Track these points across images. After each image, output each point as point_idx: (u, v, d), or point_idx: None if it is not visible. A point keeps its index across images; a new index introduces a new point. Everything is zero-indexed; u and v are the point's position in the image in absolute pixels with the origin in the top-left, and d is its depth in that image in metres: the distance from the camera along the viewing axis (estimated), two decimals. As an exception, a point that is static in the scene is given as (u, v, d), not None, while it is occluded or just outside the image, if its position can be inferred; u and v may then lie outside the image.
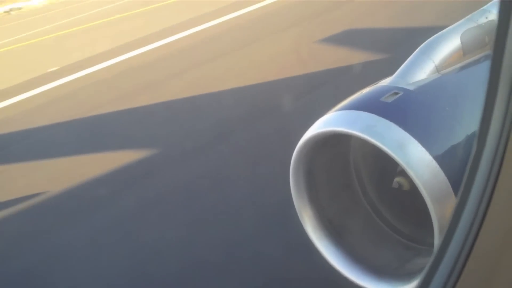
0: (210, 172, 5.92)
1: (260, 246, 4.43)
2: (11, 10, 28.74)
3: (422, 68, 2.38)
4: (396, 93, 2.20)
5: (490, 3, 2.63)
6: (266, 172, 5.54)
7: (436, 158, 2.00)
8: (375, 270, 2.42)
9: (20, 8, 28.76)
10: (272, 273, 4.12)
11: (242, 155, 6.07)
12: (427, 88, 2.30)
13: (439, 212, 1.97)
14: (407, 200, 2.36)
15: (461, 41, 2.48)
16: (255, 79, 8.19)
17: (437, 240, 2.00)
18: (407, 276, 2.29)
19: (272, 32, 10.48)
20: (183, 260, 4.56)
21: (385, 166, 2.32)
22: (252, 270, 4.26)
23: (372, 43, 8.95)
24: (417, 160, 1.99)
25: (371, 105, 2.18)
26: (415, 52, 2.47)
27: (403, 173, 2.10)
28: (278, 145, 5.31)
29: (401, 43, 8.24)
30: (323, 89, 7.36)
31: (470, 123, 2.08)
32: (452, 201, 1.96)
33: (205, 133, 6.85)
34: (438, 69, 2.40)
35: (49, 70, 11.28)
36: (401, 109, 2.18)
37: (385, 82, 2.39)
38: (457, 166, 2.03)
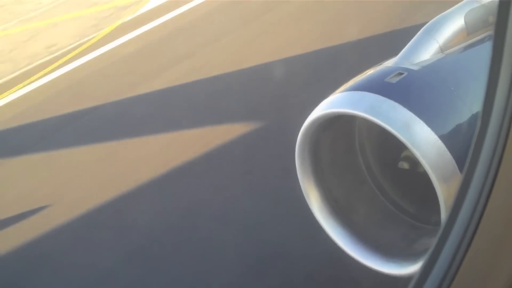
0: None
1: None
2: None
3: (426, 49, 2.39)
4: (401, 74, 2.20)
5: None
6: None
7: (442, 137, 2.01)
8: (382, 250, 2.43)
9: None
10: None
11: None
12: (431, 68, 2.31)
13: (445, 192, 1.98)
14: (413, 179, 2.38)
15: (464, 21, 2.48)
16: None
17: (443, 220, 2.01)
18: (413, 256, 2.30)
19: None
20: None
21: (390, 146, 2.33)
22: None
23: None
24: (422, 140, 2.00)
25: (376, 86, 2.19)
26: (419, 32, 2.47)
27: (409, 153, 2.11)
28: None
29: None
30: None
31: (474, 102, 2.09)
32: (458, 180, 1.97)
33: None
34: (442, 49, 2.41)
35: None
36: (405, 89, 2.19)
37: (390, 62, 2.39)
38: (462, 145, 2.03)
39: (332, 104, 2.25)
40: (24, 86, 8.66)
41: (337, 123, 2.43)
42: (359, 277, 3.25)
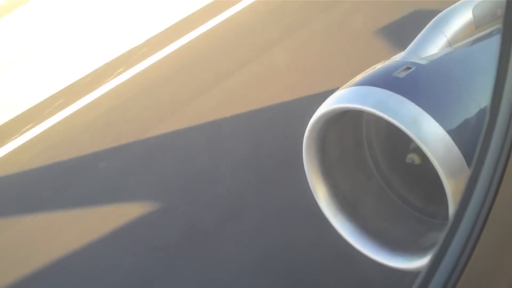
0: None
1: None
2: None
3: (434, 43, 2.38)
4: (409, 68, 2.19)
5: None
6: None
7: (450, 132, 2.00)
8: (390, 244, 2.43)
9: None
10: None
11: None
12: (439, 62, 2.30)
13: (453, 187, 1.97)
14: (420, 174, 2.37)
15: (473, 14, 2.47)
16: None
17: (451, 215, 2.00)
18: (421, 251, 2.30)
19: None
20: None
21: (398, 141, 2.33)
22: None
23: None
24: (430, 135, 1.99)
25: (384, 81, 2.18)
26: (427, 26, 2.46)
27: (417, 148, 2.10)
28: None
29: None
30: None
31: (483, 97, 2.07)
32: (466, 175, 1.96)
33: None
34: (450, 43, 2.40)
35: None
36: (413, 84, 2.18)
37: (397, 57, 2.38)
38: (471, 140, 2.03)
39: (339, 99, 2.24)
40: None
41: (345, 118, 2.43)
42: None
